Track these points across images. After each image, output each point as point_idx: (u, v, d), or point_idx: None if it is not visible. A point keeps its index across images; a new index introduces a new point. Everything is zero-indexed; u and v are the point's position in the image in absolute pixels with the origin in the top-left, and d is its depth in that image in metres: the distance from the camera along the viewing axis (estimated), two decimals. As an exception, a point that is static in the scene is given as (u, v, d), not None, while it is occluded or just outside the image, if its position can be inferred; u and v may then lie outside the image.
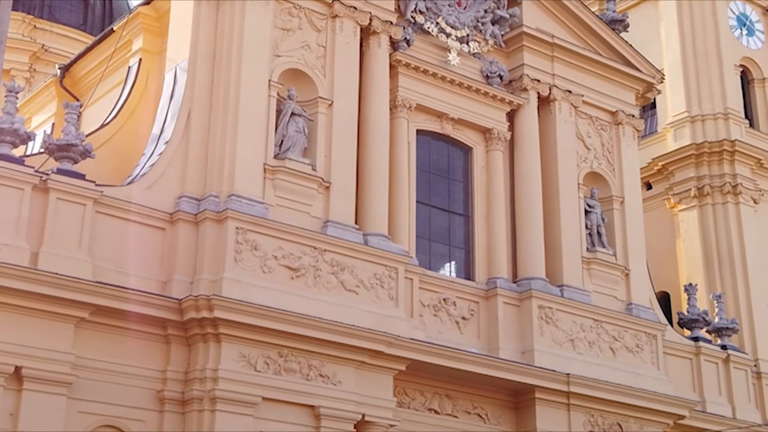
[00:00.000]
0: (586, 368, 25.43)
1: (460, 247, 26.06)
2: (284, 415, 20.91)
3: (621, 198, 28.51)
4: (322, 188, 22.96)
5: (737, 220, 33.06)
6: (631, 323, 26.95)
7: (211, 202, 21.58)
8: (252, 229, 21.43)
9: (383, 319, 22.42)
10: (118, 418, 19.86)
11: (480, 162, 26.71)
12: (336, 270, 22.36)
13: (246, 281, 21.02)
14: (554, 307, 25.64)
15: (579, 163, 28.03)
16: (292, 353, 21.22)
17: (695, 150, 33.87)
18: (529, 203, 26.56)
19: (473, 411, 24.49)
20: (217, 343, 20.53)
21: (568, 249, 26.74)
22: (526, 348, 24.97)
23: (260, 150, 22.32)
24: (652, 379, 26.66)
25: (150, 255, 21.10)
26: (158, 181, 21.68)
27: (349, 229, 22.95)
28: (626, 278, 27.72)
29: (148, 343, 20.54)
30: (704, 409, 28.54)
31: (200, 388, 20.29)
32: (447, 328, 24.45)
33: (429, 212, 25.77)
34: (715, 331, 30.31)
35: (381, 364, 22.27)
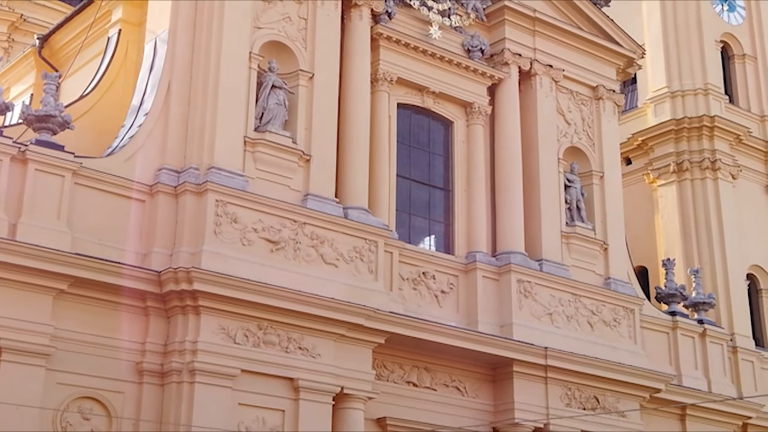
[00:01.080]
0: (563, 342, 25.60)
1: (440, 220, 26.12)
2: (263, 387, 20.97)
3: (600, 173, 28.62)
4: (303, 161, 22.93)
5: (715, 196, 33.24)
6: (608, 297, 27.13)
7: (190, 174, 21.53)
8: (232, 201, 21.41)
9: (362, 292, 22.49)
10: (96, 389, 19.85)
11: (460, 136, 26.74)
12: (316, 243, 22.38)
13: (225, 254, 21.02)
14: (533, 281, 25.77)
15: (559, 137, 28.10)
16: (271, 326, 21.26)
17: (675, 125, 33.99)
18: (509, 178, 26.63)
19: (451, 384, 24.64)
20: (197, 316, 20.54)
21: (548, 223, 26.85)
22: (504, 322, 25.12)
23: (240, 122, 22.26)
24: (629, 353, 26.87)
25: (129, 227, 21.03)
26: (138, 153, 21.59)
27: (329, 202, 22.96)
28: (605, 253, 27.88)
29: (127, 315, 20.50)
30: (680, 382, 28.80)
31: (179, 360, 20.32)
32: (426, 301, 24.54)
33: (409, 186, 25.81)
34: (692, 306, 30.55)
35: (360, 337, 22.34)
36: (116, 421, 19.88)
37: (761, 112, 36.29)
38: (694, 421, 28.80)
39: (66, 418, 19.45)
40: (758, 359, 31.97)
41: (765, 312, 33.87)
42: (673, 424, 28.62)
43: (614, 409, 26.14)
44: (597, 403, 26.05)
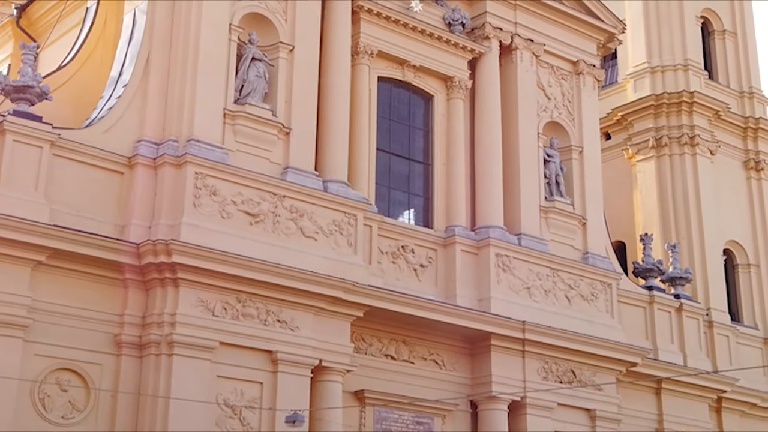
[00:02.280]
0: (541, 316, 25.75)
1: (419, 194, 26.17)
2: (242, 359, 21.03)
3: (580, 148, 28.70)
4: (282, 134, 22.88)
5: (694, 171, 33.40)
6: (586, 272, 27.28)
7: (169, 146, 21.46)
8: (211, 174, 21.36)
9: (341, 265, 22.52)
10: (74, 361, 19.86)
11: (441, 110, 26.74)
12: (295, 216, 22.38)
13: (205, 226, 21.00)
14: (511, 255, 25.88)
15: (539, 112, 28.14)
16: (250, 298, 21.29)
17: (654, 101, 34.07)
18: (488, 152, 26.66)
19: (429, 357, 24.77)
20: (175, 288, 20.54)
21: (527, 198, 26.94)
22: (482, 295, 25.23)
23: (220, 94, 22.17)
24: (606, 327, 27.06)
25: (108, 199, 20.98)
26: (116, 125, 21.50)
27: (309, 176, 22.94)
28: (583, 227, 28.01)
29: (105, 287, 20.49)
30: (656, 356, 29.05)
31: (158, 333, 20.34)
32: (405, 275, 24.62)
33: (389, 160, 25.81)
34: (668, 281, 30.76)
35: (339, 310, 22.41)
36: (94, 393, 19.90)
37: (740, 88, 36.45)
38: (670, 395, 29.08)
39: (44, 389, 19.46)
40: (733, 334, 32.27)
41: (741, 287, 34.17)
42: (649, 397, 28.89)
43: (591, 383, 26.34)
44: (574, 377, 26.25)
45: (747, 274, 34.24)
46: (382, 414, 23.64)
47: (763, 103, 36.55)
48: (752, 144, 35.59)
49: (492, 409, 24.78)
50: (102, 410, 19.94)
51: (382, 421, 23.60)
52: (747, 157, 35.47)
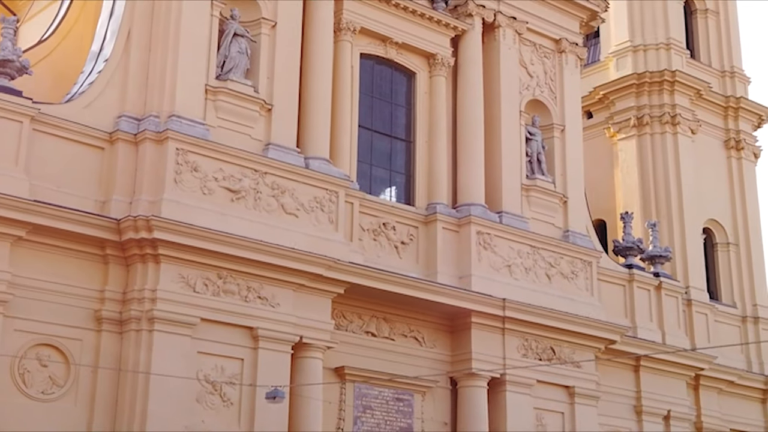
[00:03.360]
0: (521, 293, 25.87)
1: (401, 172, 26.18)
2: (222, 336, 21.07)
3: (562, 126, 28.76)
4: (264, 110, 22.84)
5: (674, 150, 33.52)
6: (567, 250, 27.40)
7: (151, 122, 21.39)
8: (192, 150, 21.32)
9: (323, 242, 22.56)
10: (54, 336, 19.86)
11: (423, 87, 26.72)
12: (276, 193, 22.38)
13: (186, 202, 20.97)
14: (492, 233, 25.96)
15: (521, 90, 28.16)
16: (231, 275, 21.30)
17: (636, 79, 34.13)
18: (470, 130, 26.68)
19: (410, 334, 24.87)
20: (156, 264, 20.54)
21: (508, 176, 27.00)
22: (463, 273, 25.31)
23: (202, 70, 22.09)
24: (586, 305, 27.22)
25: (88, 174, 20.92)
26: (97, 100, 21.42)
27: (291, 152, 22.92)
28: (564, 206, 28.11)
29: (85, 262, 20.47)
30: (635, 334, 29.26)
31: (138, 308, 20.34)
32: (386, 252, 24.67)
33: (371, 137, 25.81)
34: (648, 259, 30.94)
35: (319, 287, 22.46)
36: (74, 368, 19.91)
37: (722, 68, 36.55)
38: (648, 372, 29.30)
39: (24, 365, 19.46)
40: (712, 312, 32.50)
41: (720, 266, 34.40)
42: (627, 374, 29.11)
43: (570, 360, 26.53)
44: (553, 354, 26.41)
45: (726, 252, 34.47)
46: (363, 390, 23.76)
47: (744, 82, 36.67)
48: (733, 123, 35.74)
49: (471, 386, 24.93)
50: (82, 386, 19.96)
51: (362, 398, 23.72)
52: (728, 136, 35.63)
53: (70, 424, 19.66)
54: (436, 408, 24.89)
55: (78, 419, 19.78)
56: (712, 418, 31.18)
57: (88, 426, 19.85)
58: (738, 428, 32.18)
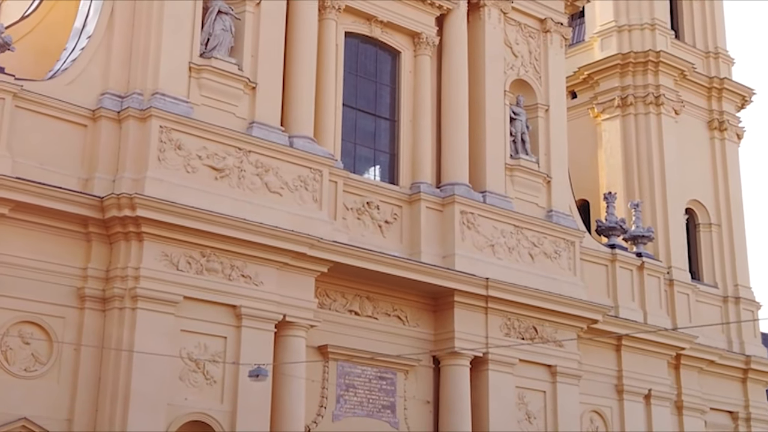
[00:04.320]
0: (504, 273, 25.96)
1: (385, 151, 26.19)
2: (206, 314, 21.09)
3: (546, 106, 28.80)
4: (248, 89, 22.79)
5: (658, 131, 33.60)
6: (550, 230, 27.50)
7: (134, 99, 21.33)
8: (176, 128, 21.27)
9: (306, 221, 22.58)
10: (37, 314, 19.84)
11: (408, 66, 26.69)
12: (260, 171, 22.37)
13: (169, 181, 20.94)
14: (476, 212, 26.01)
15: (506, 70, 28.16)
16: (214, 253, 21.31)
17: (621, 60, 34.14)
18: (455, 109, 26.68)
19: (393, 313, 24.94)
20: (139, 242, 20.52)
21: (492, 155, 27.03)
22: (447, 252, 25.38)
23: (185, 48, 22.02)
24: (569, 285, 27.34)
25: (71, 152, 20.86)
26: (80, 77, 21.33)
27: (275, 131, 22.90)
28: (548, 186, 28.18)
29: (68, 240, 20.44)
30: (617, 314, 29.41)
31: (121, 286, 20.34)
32: (370, 231, 24.69)
33: (355, 115, 25.78)
34: (631, 239, 31.07)
35: (303, 265, 22.49)
36: (57, 346, 19.91)
37: (706, 48, 36.59)
38: (629, 351, 29.47)
39: (6, 342, 19.44)
40: (693, 292, 32.68)
41: (702, 246, 34.56)
42: (609, 354, 29.28)
43: (552, 339, 26.66)
44: (535, 333, 26.54)
45: (708, 233, 34.64)
46: (346, 369, 23.85)
47: (728, 63, 36.74)
48: (716, 104, 35.83)
49: (454, 364, 25.05)
50: (65, 363, 19.96)
51: (345, 376, 23.81)
52: (711, 117, 35.72)
53: (52, 402, 19.69)
54: (418, 386, 25.00)
55: (60, 396, 19.80)
56: (693, 397, 31.43)
57: (71, 403, 19.88)
58: (718, 407, 32.46)
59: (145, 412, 19.79)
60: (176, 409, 20.37)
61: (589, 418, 28.26)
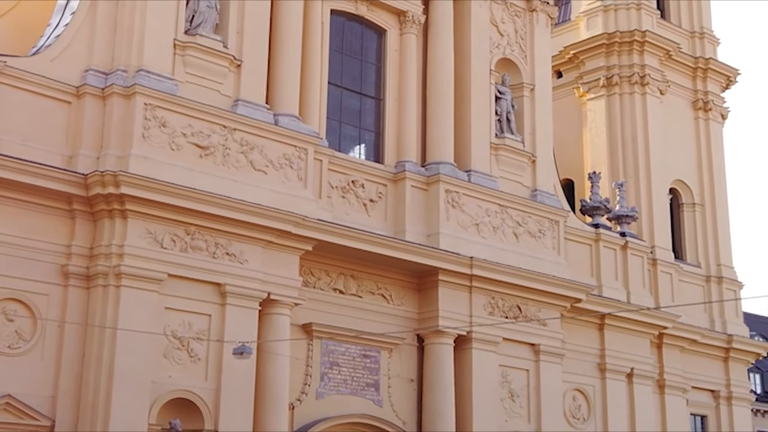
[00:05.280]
0: (489, 252, 26.03)
1: (371, 129, 26.16)
2: (190, 291, 21.10)
3: (531, 85, 28.81)
4: (234, 66, 22.72)
5: (643, 111, 33.67)
6: (534, 209, 27.56)
7: (118, 76, 21.23)
8: (161, 105, 21.20)
9: (291, 199, 22.57)
10: (21, 291, 19.80)
11: (393, 45, 26.63)
12: (245, 149, 22.33)
13: (154, 158, 20.89)
14: (461, 191, 26.05)
15: (492, 49, 28.14)
16: (199, 231, 21.30)
17: (606, 39, 34.15)
18: (440, 88, 26.66)
19: (377, 291, 24.99)
20: (123, 220, 20.49)
21: (477, 135, 27.05)
22: (431, 231, 25.42)
23: (170, 25, 21.92)
24: (552, 264, 27.44)
25: (55, 129, 20.77)
26: (64, 53, 21.22)
27: (260, 109, 22.85)
28: (532, 165, 28.23)
29: (52, 217, 20.39)
30: (600, 293, 29.56)
31: (105, 264, 20.31)
32: (354, 209, 24.71)
33: (340, 94, 25.74)
34: (615, 219, 31.19)
35: (288, 243, 22.50)
36: (41, 323, 19.90)
37: (691, 28, 36.64)
38: (612, 330, 29.65)
39: (-10, 319, 19.44)
40: (676, 271, 32.84)
41: (685, 226, 34.71)
42: (592, 333, 29.43)
43: (535, 318, 26.77)
44: (519, 312, 26.64)
45: (692, 213, 34.78)
46: (330, 347, 23.91)
47: (713, 43, 36.80)
48: (701, 84, 35.91)
49: (438, 343, 25.14)
50: (49, 340, 19.96)
51: (329, 354, 23.87)
52: (696, 97, 35.80)
53: (36, 379, 19.69)
54: (402, 364, 25.09)
55: (44, 374, 19.80)
56: (675, 375, 31.64)
57: (55, 380, 19.89)
58: (699, 386, 32.70)
59: (129, 389, 19.82)
60: (160, 387, 20.41)
61: (571, 396, 28.44)
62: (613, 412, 29.10)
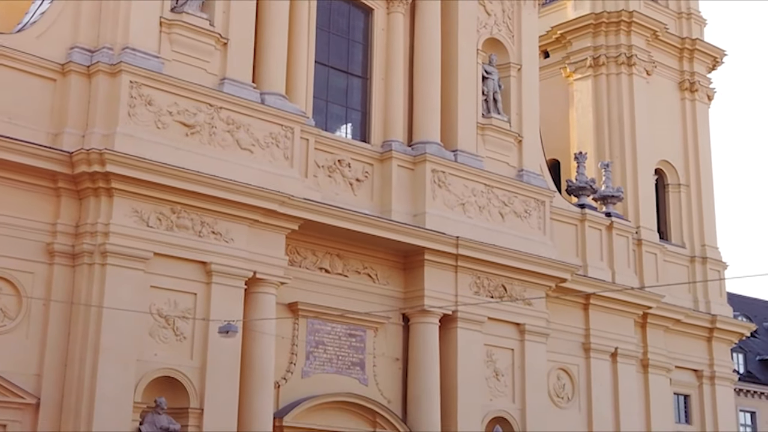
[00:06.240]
0: (475, 231, 26.09)
1: (357, 109, 26.14)
2: (176, 270, 21.10)
3: (518, 65, 28.80)
4: (220, 44, 22.64)
5: (629, 91, 33.71)
6: (521, 189, 27.61)
7: (104, 54, 21.14)
8: (146, 83, 21.13)
9: (277, 178, 22.55)
10: (6, 269, 19.78)
11: (380, 24, 26.57)
12: (231, 128, 22.29)
13: (139, 136, 20.84)
14: (447, 171, 26.07)
15: (479, 28, 28.09)
16: (185, 210, 21.28)
17: (594, 20, 34.14)
18: (427, 67, 26.62)
19: (363, 271, 25.03)
20: (109, 198, 20.45)
21: (464, 114, 27.05)
22: (417, 211, 25.45)
23: (156, 2, 21.85)
24: (538, 244, 27.52)
25: (40, 106, 20.69)
26: (49, 30, 21.11)
27: (246, 87, 22.79)
28: (519, 145, 28.26)
29: (37, 195, 20.34)
30: (585, 273, 29.67)
31: (91, 242, 20.28)
32: (341, 189, 24.71)
33: (327, 73, 25.70)
34: (600, 199, 31.27)
35: (274, 222, 22.50)
36: (26, 301, 19.88)
37: (678, 9, 36.65)
38: (597, 310, 29.78)
39: (-25, 297, 19.42)
40: (661, 252, 32.97)
41: (670, 206, 34.83)
42: (577, 312, 29.56)
43: (521, 298, 26.85)
44: (504, 292, 26.72)
45: (677, 193, 34.90)
46: (315, 326, 23.96)
47: (700, 24, 36.82)
48: (688, 65, 35.96)
49: (423, 322, 25.22)
50: (34, 318, 19.94)
51: (314, 333, 23.93)
52: (682, 78, 35.86)
53: (21, 357, 19.68)
54: (388, 344, 25.17)
55: (30, 352, 19.80)
56: (658, 355, 31.82)
57: (40, 358, 19.88)
58: (683, 365, 32.90)
59: (114, 367, 19.84)
60: (146, 365, 20.44)
61: (556, 375, 28.60)
62: (597, 391, 29.28)
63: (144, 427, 20.27)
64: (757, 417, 46.43)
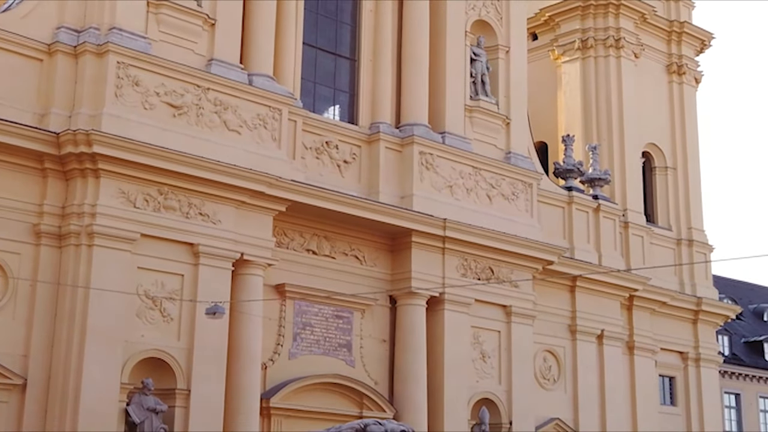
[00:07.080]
0: (462, 214, 26.12)
1: (345, 90, 26.10)
2: (163, 251, 21.09)
3: (506, 48, 28.78)
4: (208, 25, 22.56)
5: (617, 74, 33.72)
6: (508, 171, 27.64)
7: (91, 34, 21.05)
8: (133, 64, 21.06)
9: (265, 159, 22.53)
10: (-7, 250, 19.76)
11: (369, 5, 26.50)
12: (219, 109, 22.25)
13: (126, 117, 20.78)
14: (435, 153, 26.07)
15: (467, 10, 28.05)
16: (172, 191, 21.25)
17: (582, 2, 34.08)
18: (415, 49, 26.58)
19: (350, 253, 25.05)
20: (96, 179, 20.40)
21: (452, 96, 27.03)
22: (405, 193, 25.47)
23: (143, -18, 21.73)
24: (525, 226, 27.57)
25: (26, 86, 20.60)
26: (35, 10, 21.00)
27: (234, 68, 22.73)
28: (507, 127, 28.27)
29: (24, 176, 20.28)
30: (572, 255, 29.76)
31: (78, 223, 20.24)
32: (328, 170, 24.69)
33: (315, 54, 25.64)
34: (588, 182, 31.34)
35: (261, 204, 22.49)
36: (12, 282, 19.85)
37: (667, -9, 36.65)
38: (584, 293, 29.89)
39: (-39, 278, 19.38)
40: (648, 234, 33.08)
41: (657, 189, 34.93)
42: (563, 294, 29.66)
43: (508, 280, 26.92)
44: (491, 274, 26.79)
45: (664, 176, 34.99)
46: (303, 307, 23.99)
47: (688, 7, 36.84)
48: (676, 48, 35.99)
49: (410, 304, 25.28)
50: (21, 299, 19.92)
51: (302, 315, 23.96)
52: (670, 60, 35.89)
53: (8, 338, 19.66)
54: (375, 325, 25.22)
55: (16, 332, 19.78)
56: (644, 337, 31.98)
57: (27, 339, 19.87)
58: (668, 347, 33.06)
59: (101, 348, 19.85)
60: (133, 346, 20.45)
61: (542, 357, 28.73)
62: (582, 373, 29.44)
63: (131, 407, 20.30)
64: (741, 399, 46.71)
